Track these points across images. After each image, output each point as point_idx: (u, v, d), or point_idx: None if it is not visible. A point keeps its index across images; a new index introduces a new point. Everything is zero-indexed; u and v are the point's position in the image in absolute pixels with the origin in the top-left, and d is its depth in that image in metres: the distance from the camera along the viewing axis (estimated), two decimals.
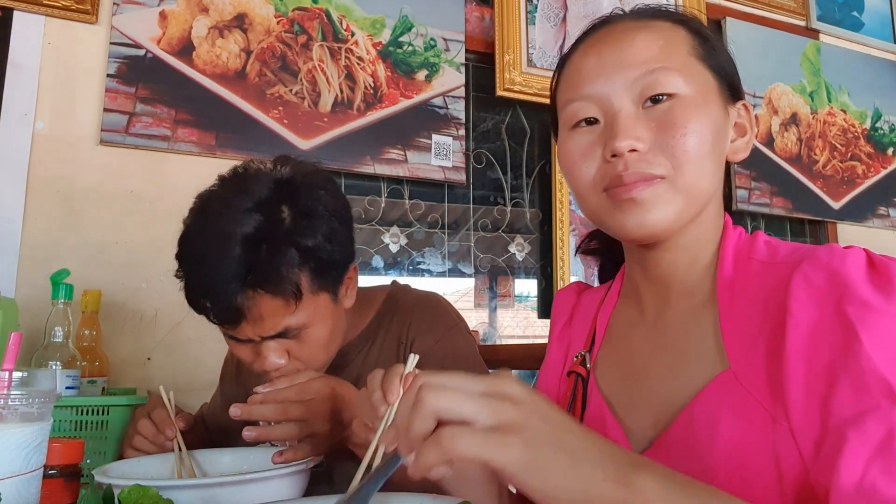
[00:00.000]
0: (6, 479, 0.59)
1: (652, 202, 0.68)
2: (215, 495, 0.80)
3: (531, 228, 2.30)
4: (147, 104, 1.77)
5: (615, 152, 0.69)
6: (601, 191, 0.71)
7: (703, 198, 0.71)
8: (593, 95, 0.72)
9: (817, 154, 2.75)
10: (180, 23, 1.83)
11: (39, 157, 1.68)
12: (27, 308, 1.51)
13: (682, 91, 0.70)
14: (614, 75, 0.71)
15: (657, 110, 0.70)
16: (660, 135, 0.69)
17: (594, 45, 0.75)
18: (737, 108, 0.76)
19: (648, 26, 0.73)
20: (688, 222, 0.72)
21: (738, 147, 0.76)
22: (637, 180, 0.68)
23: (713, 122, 0.70)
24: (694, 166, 0.68)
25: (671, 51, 0.71)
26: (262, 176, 0.99)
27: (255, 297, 0.93)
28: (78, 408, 1.26)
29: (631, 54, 0.71)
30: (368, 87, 2.02)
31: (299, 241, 0.95)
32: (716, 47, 0.75)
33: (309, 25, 1.98)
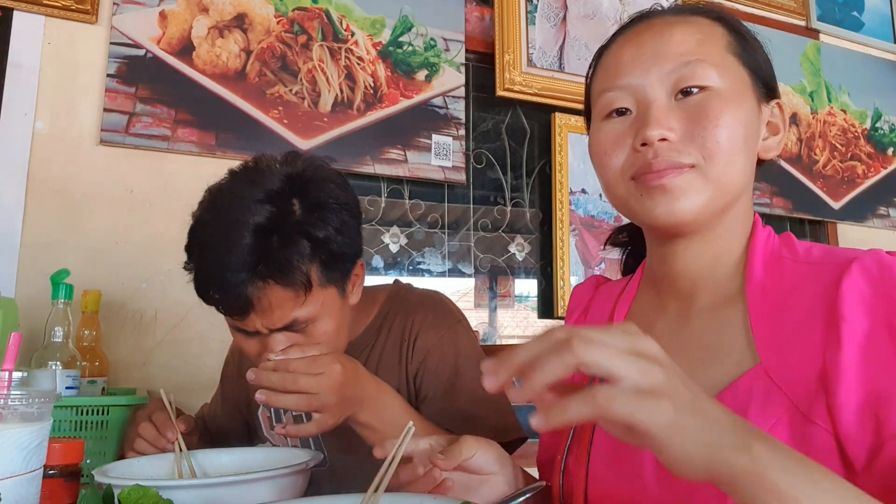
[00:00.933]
0: (6, 480, 0.59)
1: (681, 189, 0.69)
2: (215, 495, 0.80)
3: (531, 228, 2.30)
4: (147, 104, 1.77)
5: (645, 141, 0.70)
6: (629, 179, 0.73)
7: (732, 191, 0.72)
8: (628, 86, 0.73)
9: (817, 154, 2.75)
10: (180, 23, 1.83)
11: (39, 157, 1.68)
12: (27, 308, 1.51)
13: (716, 84, 0.71)
14: (651, 67, 0.72)
15: (690, 102, 0.71)
16: (691, 126, 0.70)
17: (633, 37, 0.76)
18: (770, 107, 0.77)
19: (687, 21, 0.75)
20: (716, 215, 0.72)
21: (770, 145, 0.77)
22: (667, 167, 0.69)
23: (746, 117, 0.71)
24: (725, 158, 0.69)
25: (708, 45, 0.73)
26: (272, 169, 1.00)
27: (265, 287, 0.93)
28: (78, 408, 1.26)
29: (668, 47, 0.73)
30: (368, 87, 2.02)
31: (310, 232, 0.95)
32: (753, 46, 0.77)
33: (309, 25, 1.98)
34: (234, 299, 0.94)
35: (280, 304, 0.95)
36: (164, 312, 1.73)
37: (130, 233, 1.73)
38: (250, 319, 0.97)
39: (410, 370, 1.14)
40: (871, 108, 2.92)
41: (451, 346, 1.15)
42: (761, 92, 0.75)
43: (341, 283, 1.03)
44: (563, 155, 2.28)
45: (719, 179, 0.70)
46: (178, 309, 1.75)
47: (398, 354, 1.15)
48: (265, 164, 1.02)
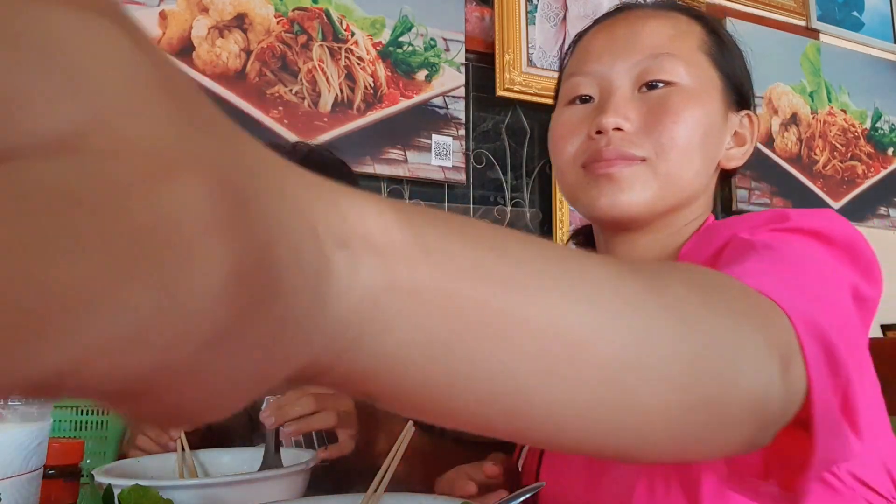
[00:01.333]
0: (6, 480, 0.59)
1: (628, 182, 0.68)
2: (215, 495, 0.80)
3: (531, 228, 2.30)
4: None
5: (600, 128, 0.69)
6: (580, 166, 0.71)
7: (683, 191, 0.70)
8: (594, 73, 0.73)
9: (817, 154, 2.75)
10: (180, 23, 1.83)
11: None
12: None
13: (682, 81, 0.70)
14: (619, 56, 0.72)
15: (653, 95, 0.70)
16: (649, 119, 0.69)
17: (608, 26, 0.76)
18: (740, 117, 0.76)
19: (664, 16, 0.74)
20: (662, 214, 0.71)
21: (734, 155, 0.75)
22: (617, 157, 0.68)
23: (708, 119, 0.70)
24: (677, 155, 0.68)
25: (680, 41, 0.72)
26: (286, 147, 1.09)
27: None
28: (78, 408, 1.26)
29: (639, 38, 0.72)
30: (368, 87, 2.02)
31: None
32: (730, 51, 0.76)
33: (309, 25, 1.98)
34: None
35: None
36: None
37: None
38: None
39: None
40: (871, 108, 2.92)
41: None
42: (731, 99, 0.74)
43: None
44: None
45: (668, 177, 0.68)
46: None
47: None
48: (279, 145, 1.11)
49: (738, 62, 0.76)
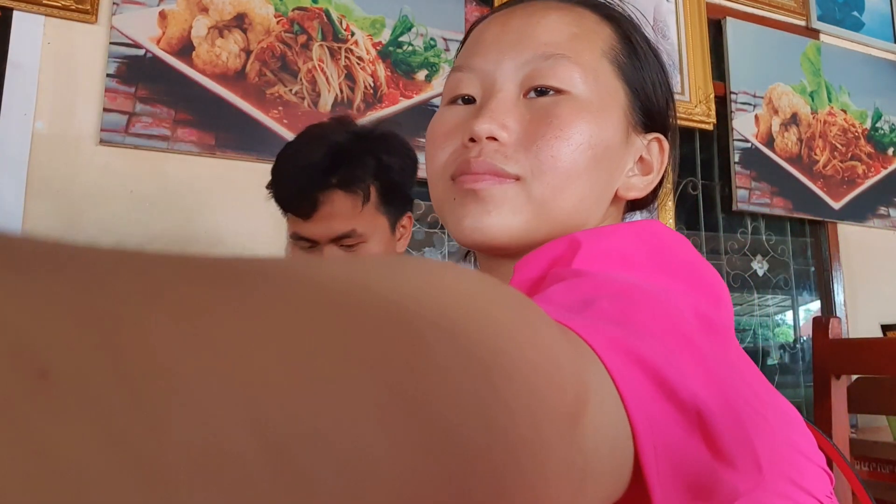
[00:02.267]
0: None
1: (495, 203, 0.57)
2: None
3: None
4: (147, 104, 1.77)
5: (472, 135, 0.57)
6: (448, 177, 0.60)
7: (560, 220, 0.57)
8: (479, 69, 0.61)
9: (817, 154, 2.75)
10: (180, 23, 1.83)
11: (39, 157, 1.68)
12: None
13: (576, 90, 0.58)
14: (507, 52, 0.60)
15: (539, 103, 0.58)
16: (531, 130, 0.57)
17: (504, 15, 0.63)
18: (647, 140, 0.63)
19: (569, 10, 0.62)
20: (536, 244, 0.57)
21: (635, 184, 0.62)
22: (486, 171, 0.56)
23: (601, 139, 0.58)
24: (558, 178, 0.56)
25: (582, 42, 0.59)
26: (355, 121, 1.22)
27: (331, 192, 1.08)
28: None
29: (534, 33, 0.60)
30: (368, 87, 2.02)
31: (378, 155, 1.13)
32: (644, 62, 0.63)
33: (309, 25, 1.98)
34: (304, 198, 1.09)
35: (341, 210, 1.09)
36: None
37: (130, 233, 1.73)
38: (313, 225, 1.10)
39: None
40: (871, 108, 2.92)
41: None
42: (637, 118, 0.62)
43: (393, 219, 1.17)
44: None
45: (544, 203, 0.56)
46: None
47: None
48: (350, 116, 1.26)
49: (654, 76, 0.64)
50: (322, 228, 1.11)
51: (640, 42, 0.64)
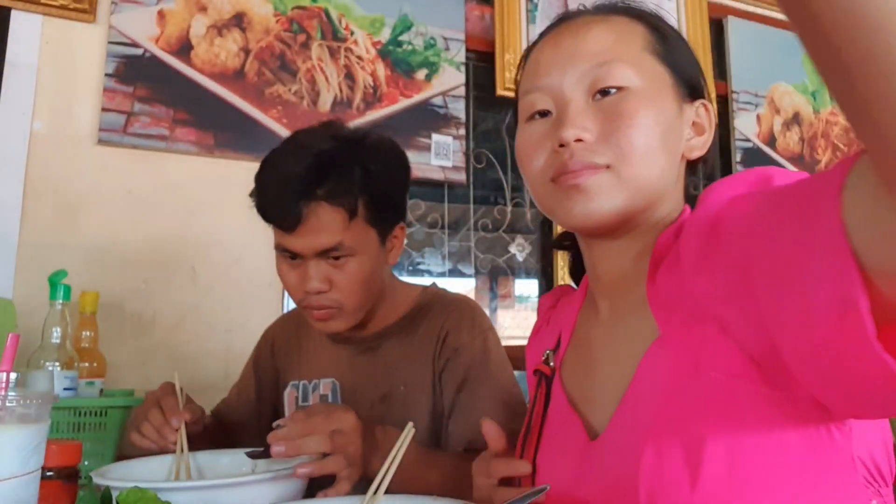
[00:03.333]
0: (4, 481, 0.58)
1: (596, 190, 0.69)
2: (214, 497, 0.79)
3: (531, 228, 2.29)
4: (145, 104, 1.76)
5: (562, 142, 0.70)
6: (549, 180, 0.72)
7: (650, 190, 0.70)
8: (547, 87, 0.73)
9: (819, 154, 2.75)
10: (178, 22, 1.83)
11: (37, 157, 1.67)
12: (25, 309, 1.50)
13: (632, 84, 0.70)
14: (567, 67, 0.72)
15: (606, 102, 0.70)
16: (607, 126, 0.69)
17: (553, 38, 0.76)
18: (695, 107, 0.75)
19: (605, 20, 0.74)
20: (636, 214, 0.71)
21: (695, 145, 0.75)
22: (582, 168, 0.69)
23: (663, 117, 0.70)
24: (639, 157, 0.68)
25: (624, 44, 0.72)
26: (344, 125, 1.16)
27: (317, 205, 1.03)
28: (76, 409, 1.25)
29: (584, 46, 0.72)
30: (368, 87, 2.01)
31: (366, 165, 1.08)
32: (675, 45, 0.75)
33: (308, 24, 1.97)
34: (288, 212, 1.03)
35: (327, 223, 1.04)
36: (162, 314, 1.72)
37: (129, 233, 1.72)
38: (298, 238, 1.05)
39: (437, 366, 1.16)
40: None
41: (481, 351, 1.16)
42: (683, 91, 0.74)
43: (383, 231, 1.12)
44: None
45: (635, 180, 0.69)
46: (177, 310, 1.74)
47: (428, 349, 1.17)
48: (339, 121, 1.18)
49: (685, 54, 0.76)
50: (307, 242, 1.05)
51: (667, 30, 0.76)
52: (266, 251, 1.84)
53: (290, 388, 1.26)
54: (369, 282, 1.10)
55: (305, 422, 0.92)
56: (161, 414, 1.03)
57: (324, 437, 0.90)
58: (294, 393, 1.26)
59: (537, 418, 0.80)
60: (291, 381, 1.26)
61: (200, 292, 1.77)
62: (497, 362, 1.17)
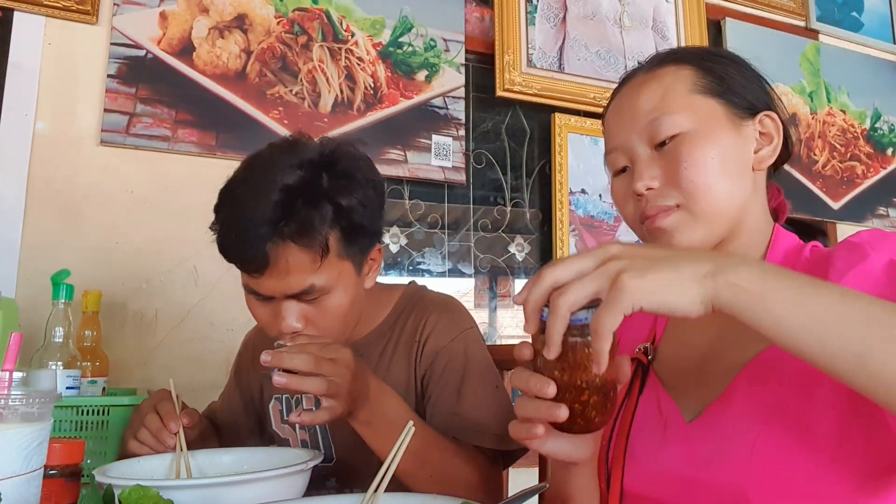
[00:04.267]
0: (6, 480, 0.59)
1: (674, 228, 0.79)
2: (216, 495, 0.80)
3: (531, 229, 2.30)
4: (147, 104, 1.77)
5: (636, 193, 0.81)
6: (640, 223, 0.83)
7: (724, 216, 0.79)
8: (619, 147, 0.85)
9: (817, 154, 2.75)
10: (180, 23, 1.84)
11: (40, 158, 1.68)
12: (27, 308, 1.51)
13: (684, 128, 0.79)
14: (628, 128, 0.83)
15: (666, 150, 0.80)
16: (670, 171, 0.79)
17: (616, 103, 0.88)
18: (756, 121, 0.83)
19: (654, 76, 0.84)
20: (721, 237, 0.80)
21: (764, 155, 0.83)
22: (657, 212, 0.80)
23: (719, 147, 0.79)
24: (702, 192, 0.78)
25: (672, 96, 0.81)
26: (308, 143, 1.05)
27: (285, 246, 0.95)
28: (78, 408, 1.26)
29: (638, 107, 0.83)
30: (368, 88, 2.02)
31: (335, 199, 0.98)
32: (725, 73, 0.83)
33: (309, 26, 1.98)
34: (254, 255, 0.95)
35: (297, 266, 0.96)
36: (164, 313, 1.73)
37: (131, 233, 1.73)
38: (266, 281, 0.98)
39: (419, 372, 1.14)
40: (870, 109, 2.92)
41: (461, 352, 1.14)
42: (740, 112, 0.82)
43: (358, 260, 1.05)
44: (562, 155, 2.28)
45: (706, 212, 0.78)
46: (179, 309, 1.75)
47: (408, 355, 1.15)
48: (302, 138, 1.07)
49: (737, 76, 0.84)
50: (276, 286, 0.98)
51: (714, 61, 0.85)
52: None
53: (274, 401, 1.24)
54: (348, 314, 1.05)
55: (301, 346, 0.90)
56: (158, 419, 1.02)
57: (311, 357, 0.87)
58: (278, 406, 1.25)
59: (631, 403, 0.85)
60: (274, 394, 1.24)
61: (202, 291, 1.78)
62: (478, 361, 1.15)
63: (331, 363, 0.89)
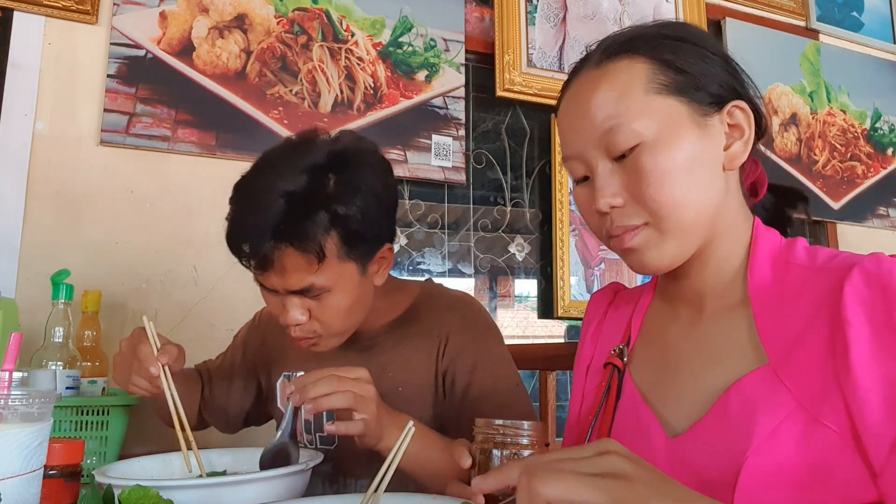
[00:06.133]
0: (6, 480, 0.59)
1: (644, 246, 0.73)
2: (216, 495, 0.80)
3: (531, 228, 2.30)
4: (147, 104, 1.77)
5: (598, 211, 0.74)
6: (607, 238, 0.77)
7: (696, 227, 0.73)
8: (575, 155, 0.76)
9: (817, 154, 2.75)
10: (180, 23, 1.84)
11: (39, 158, 1.68)
12: (27, 308, 1.51)
13: (643, 137, 0.71)
14: (584, 137, 0.75)
15: (627, 163, 0.72)
16: (633, 186, 0.72)
17: (567, 103, 0.79)
18: (724, 114, 0.74)
19: (606, 74, 0.74)
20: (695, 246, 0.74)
21: (735, 152, 0.74)
22: (622, 232, 0.73)
23: (684, 154, 0.71)
24: (669, 210, 0.71)
25: (627, 99, 0.72)
26: (321, 143, 1.08)
27: (283, 250, 0.99)
28: (78, 408, 1.26)
29: (592, 114, 0.73)
30: (368, 88, 2.02)
31: (333, 208, 1.01)
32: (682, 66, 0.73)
33: (309, 26, 1.98)
34: (255, 256, 1.01)
35: (294, 268, 1.01)
36: (164, 313, 1.73)
37: (131, 233, 1.73)
38: (269, 277, 1.03)
39: (440, 367, 1.16)
40: (870, 109, 2.92)
41: (484, 351, 1.16)
42: (703, 110, 0.73)
43: (362, 261, 1.07)
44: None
45: (676, 228, 0.72)
46: (179, 309, 1.75)
47: (429, 350, 1.17)
48: (317, 138, 1.10)
49: (698, 63, 0.74)
50: (278, 283, 1.03)
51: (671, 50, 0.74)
52: None
53: (283, 378, 1.27)
54: (351, 311, 1.08)
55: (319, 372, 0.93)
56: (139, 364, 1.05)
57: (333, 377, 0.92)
58: (286, 383, 1.26)
59: (608, 413, 0.82)
60: (283, 371, 1.26)
61: (202, 292, 1.78)
62: (499, 361, 1.17)
63: (354, 381, 0.93)
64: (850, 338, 0.63)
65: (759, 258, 0.75)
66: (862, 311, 0.63)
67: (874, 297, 0.63)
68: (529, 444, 0.72)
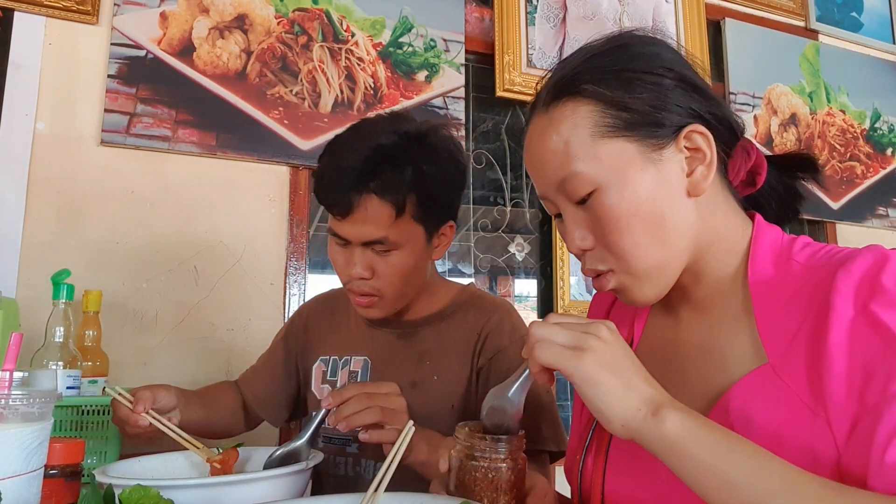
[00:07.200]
0: (7, 479, 0.59)
1: (623, 287, 0.74)
2: (216, 495, 0.80)
3: (531, 229, 2.30)
4: (147, 105, 1.78)
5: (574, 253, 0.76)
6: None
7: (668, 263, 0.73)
8: (543, 196, 0.78)
9: (816, 154, 2.74)
10: (181, 23, 1.84)
11: (40, 158, 1.68)
12: (28, 308, 1.51)
13: (596, 183, 0.70)
14: (543, 183, 0.76)
15: (589, 207, 0.72)
16: (597, 230, 0.72)
17: (526, 148, 0.79)
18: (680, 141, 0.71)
19: (553, 120, 0.74)
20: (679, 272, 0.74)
21: (698, 179, 0.72)
22: (595, 275, 0.75)
23: (642, 194, 0.70)
24: (631, 256, 0.71)
25: (574, 147, 0.71)
26: (411, 119, 1.18)
27: (367, 197, 1.07)
28: (79, 408, 1.27)
29: (546, 162, 0.74)
30: (368, 88, 2.02)
31: (418, 165, 1.10)
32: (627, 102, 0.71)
33: (309, 26, 1.98)
34: (341, 199, 1.08)
35: (374, 216, 1.08)
36: (164, 312, 1.73)
37: (131, 233, 1.73)
38: (347, 225, 1.09)
39: (477, 363, 1.19)
40: (870, 109, 2.92)
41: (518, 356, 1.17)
42: (656, 143, 0.71)
43: (430, 228, 1.15)
44: None
45: (646, 271, 0.72)
46: (179, 309, 1.75)
47: (466, 346, 1.19)
48: (408, 114, 1.20)
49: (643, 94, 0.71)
50: (355, 231, 1.09)
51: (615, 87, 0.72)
52: (268, 252, 1.86)
53: (319, 362, 1.30)
54: (411, 275, 1.15)
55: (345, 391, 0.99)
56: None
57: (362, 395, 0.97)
58: (322, 367, 1.30)
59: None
60: (321, 355, 1.30)
61: (202, 292, 1.78)
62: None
63: (383, 396, 0.99)
64: (832, 321, 0.63)
65: (759, 258, 0.74)
66: (849, 296, 0.63)
67: (862, 284, 0.63)
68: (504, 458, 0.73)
